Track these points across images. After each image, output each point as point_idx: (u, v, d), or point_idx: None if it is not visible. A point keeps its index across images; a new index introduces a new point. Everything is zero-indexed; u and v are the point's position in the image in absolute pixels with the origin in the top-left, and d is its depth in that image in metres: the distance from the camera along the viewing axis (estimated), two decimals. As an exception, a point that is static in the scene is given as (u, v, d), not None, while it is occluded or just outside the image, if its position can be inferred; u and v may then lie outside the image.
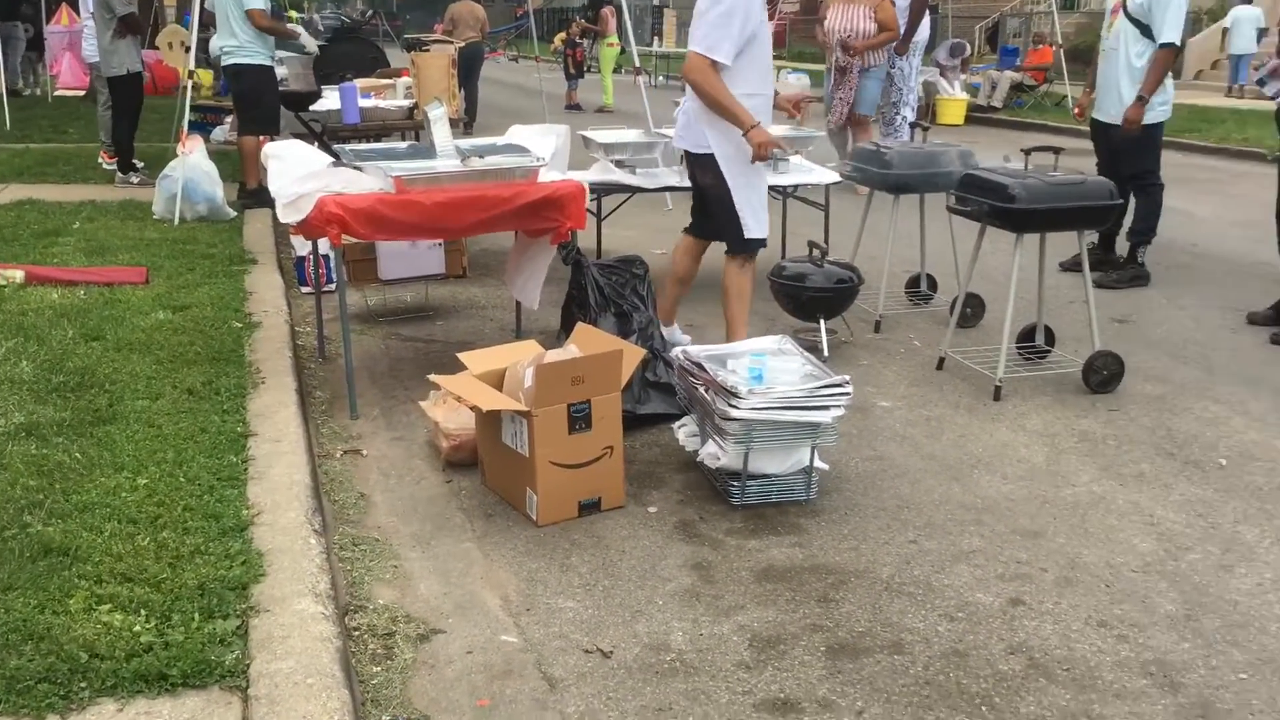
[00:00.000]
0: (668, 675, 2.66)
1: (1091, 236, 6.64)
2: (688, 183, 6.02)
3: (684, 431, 3.93)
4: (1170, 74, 6.26)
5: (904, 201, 5.62)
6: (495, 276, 6.37)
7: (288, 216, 4.16)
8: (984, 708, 2.54)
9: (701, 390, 3.67)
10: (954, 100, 15.73)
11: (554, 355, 3.64)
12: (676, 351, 3.98)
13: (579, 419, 3.43)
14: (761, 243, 4.66)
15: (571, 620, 2.90)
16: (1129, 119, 6.14)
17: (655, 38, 25.45)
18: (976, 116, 15.98)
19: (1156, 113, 6.24)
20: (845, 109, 9.05)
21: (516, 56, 30.70)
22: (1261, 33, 18.54)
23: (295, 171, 4.20)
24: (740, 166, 4.44)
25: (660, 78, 22.07)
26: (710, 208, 4.68)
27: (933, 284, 6.07)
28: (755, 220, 4.57)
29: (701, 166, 4.59)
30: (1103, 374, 4.67)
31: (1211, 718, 2.52)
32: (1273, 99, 6.12)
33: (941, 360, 4.98)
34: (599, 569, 3.18)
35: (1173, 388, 4.75)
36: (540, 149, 4.58)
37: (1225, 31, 19.73)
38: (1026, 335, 5.10)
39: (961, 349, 5.05)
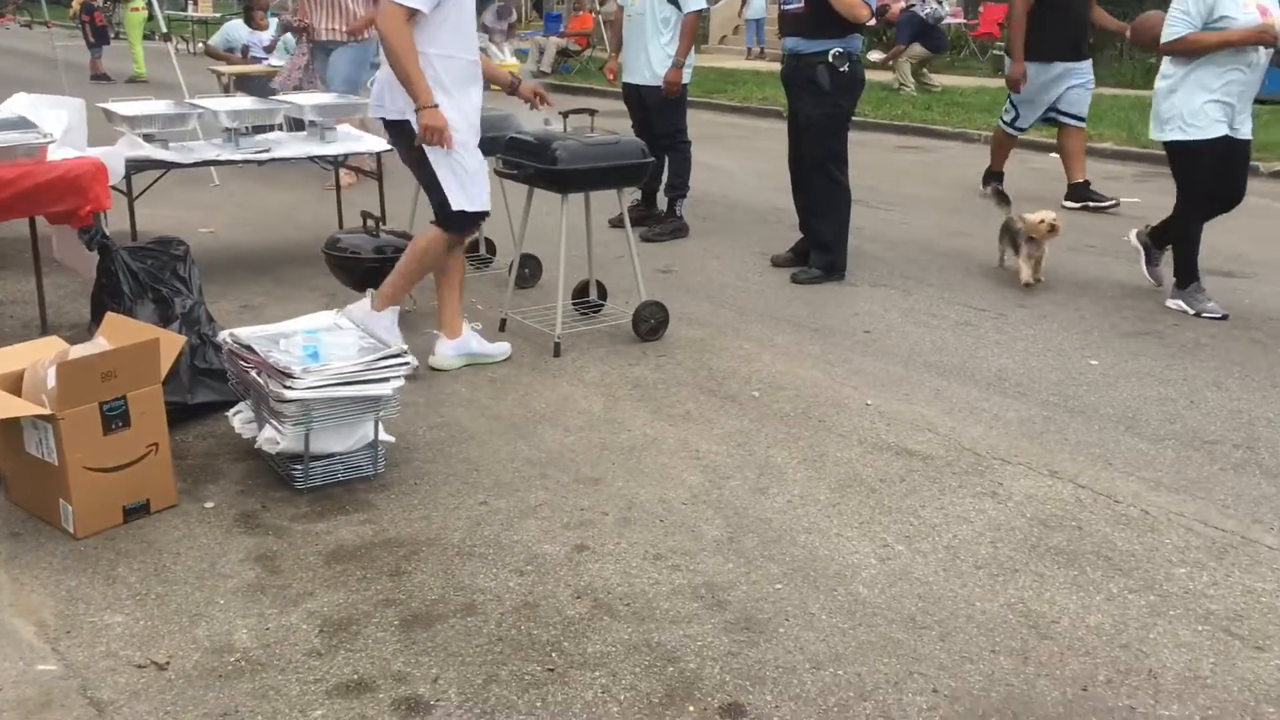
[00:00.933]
0: (233, 677, 2.53)
1: (635, 193, 7.04)
2: (230, 156, 5.73)
3: (239, 419, 3.74)
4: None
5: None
6: (13, 268, 5.71)
7: None
8: (554, 654, 2.64)
9: (253, 374, 3.50)
10: (504, 65, 15.99)
11: (80, 350, 3.32)
12: (224, 335, 3.77)
13: (114, 417, 3.16)
14: (475, 217, 4.46)
15: (121, 636, 2.68)
16: (669, 81, 6.55)
17: (190, 2, 23.80)
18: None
19: (682, 74, 6.68)
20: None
21: (30, 22, 27.53)
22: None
23: None
24: None
25: (199, 44, 20.67)
26: (418, 179, 4.44)
27: (491, 247, 6.18)
28: (464, 191, 4.33)
29: (399, 135, 4.34)
30: (650, 322, 4.97)
31: (754, 628, 2.77)
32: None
33: (503, 321, 5.08)
34: (151, 576, 2.95)
35: (712, 330, 5.15)
36: (49, 124, 4.14)
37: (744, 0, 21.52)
38: (580, 291, 5.32)
39: (521, 309, 5.18)
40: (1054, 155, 8.94)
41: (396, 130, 4.37)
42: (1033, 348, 4.91)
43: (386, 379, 3.49)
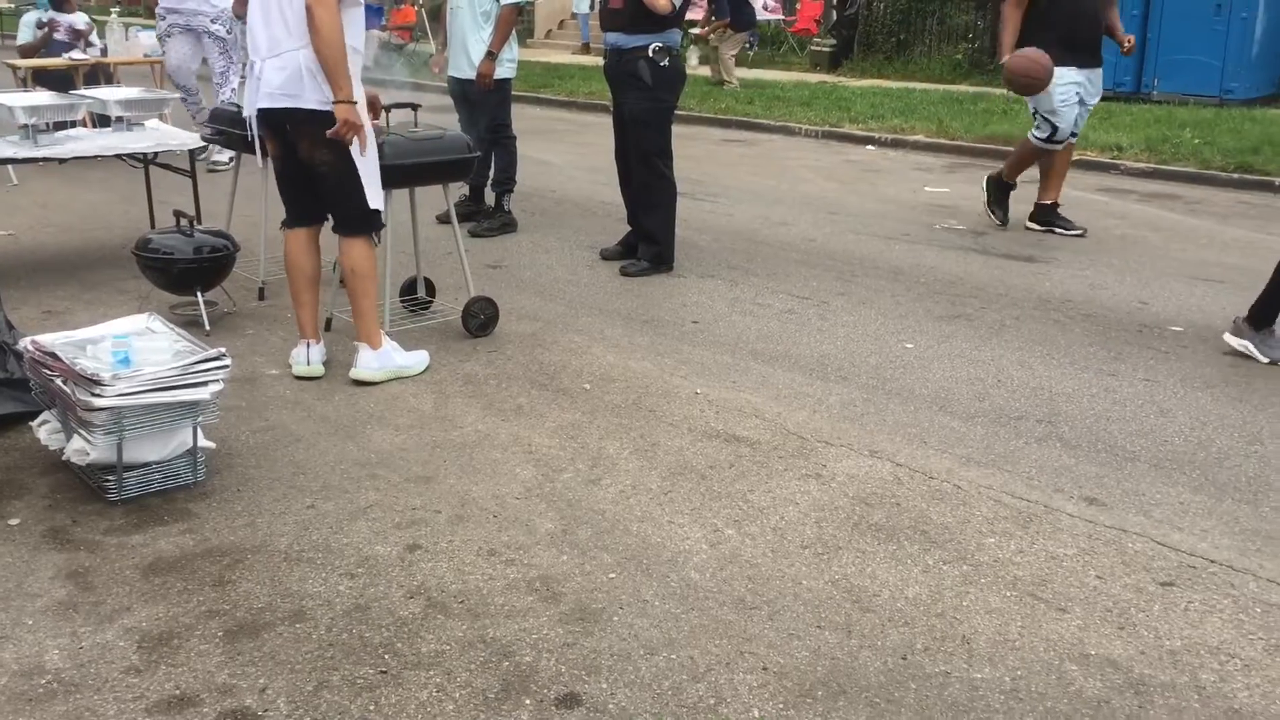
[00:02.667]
0: (44, 701, 2.41)
1: (463, 189, 6.97)
2: (29, 154, 5.42)
3: (45, 429, 3.55)
4: (515, 32, 6.70)
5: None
6: None
7: None
8: (386, 655, 2.61)
9: (59, 382, 3.33)
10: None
11: None
12: (25, 342, 3.57)
13: (-97, 433, 2.96)
14: (381, 216, 4.31)
15: (-83, 665, 2.52)
16: (482, 74, 6.51)
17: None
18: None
19: (505, 69, 6.66)
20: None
21: None
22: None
23: None
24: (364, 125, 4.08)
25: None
26: (325, 181, 4.18)
27: (314, 245, 6.02)
28: (376, 189, 4.22)
29: (312, 129, 4.05)
30: (480, 318, 4.94)
31: (589, 618, 2.79)
32: None
33: (329, 321, 4.97)
34: (-50, 600, 2.78)
35: (543, 324, 5.16)
36: None
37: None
38: (408, 288, 5.25)
39: (347, 309, 5.06)
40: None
41: (314, 124, 4.06)
42: (853, 333, 5.09)
43: (205, 383, 3.38)
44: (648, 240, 6.10)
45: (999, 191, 7.32)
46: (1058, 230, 7.04)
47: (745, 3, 14.16)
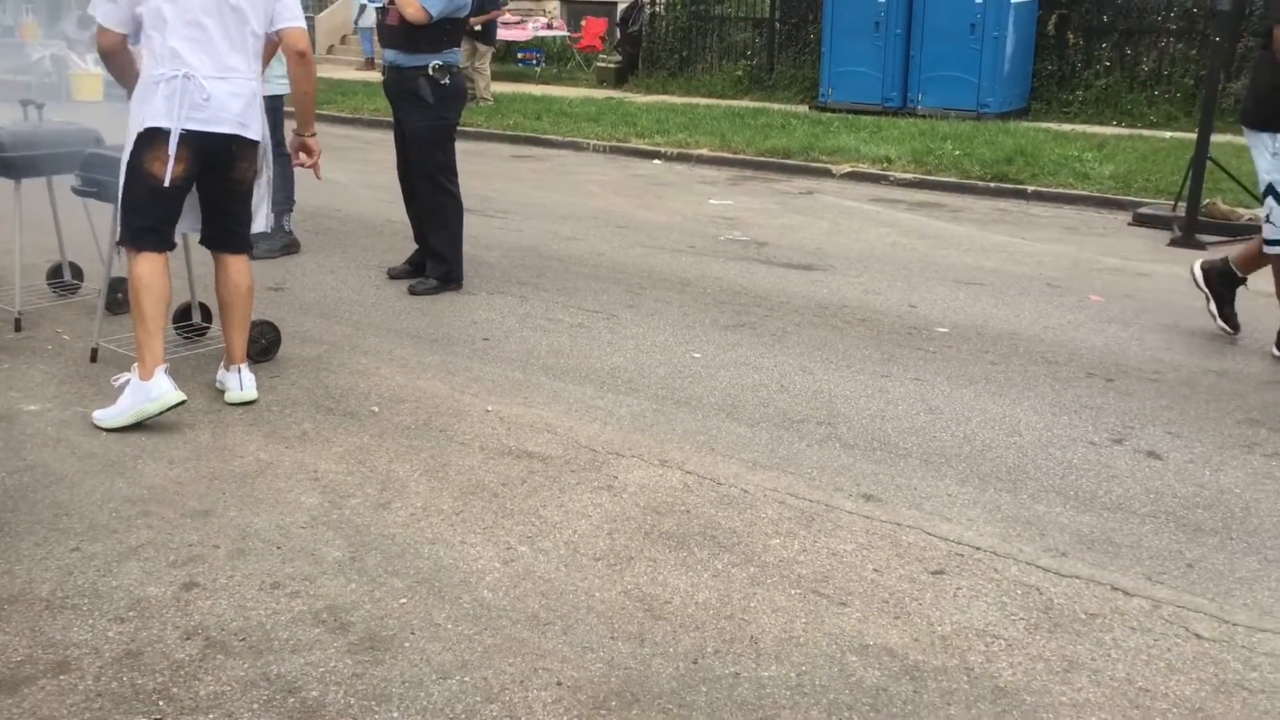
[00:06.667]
0: None
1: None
2: None
3: None
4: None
5: (32, 185, 5.14)
6: None
7: None
8: (161, 702, 2.48)
9: None
10: (89, 75, 14.78)
11: None
12: None
13: None
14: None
15: None
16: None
17: None
18: (118, 93, 15.19)
19: (275, 85, 6.45)
20: None
21: None
22: (382, 11, 20.08)
23: None
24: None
25: None
26: (244, 202, 4.40)
27: (78, 272, 5.68)
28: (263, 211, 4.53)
29: (251, 156, 4.30)
30: (261, 343, 4.77)
31: (379, 646, 2.73)
32: None
33: (95, 352, 4.70)
34: None
35: (328, 347, 5.02)
36: None
37: (363, 8, 21.06)
38: (182, 314, 5.02)
39: (116, 337, 4.81)
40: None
41: (251, 151, 4.29)
42: (642, 345, 5.17)
43: (-50, 424, 3.14)
44: (435, 258, 6.03)
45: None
46: None
47: (493, 21, 14.26)
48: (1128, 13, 13.65)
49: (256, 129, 4.23)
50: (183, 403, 4.04)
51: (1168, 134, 11.66)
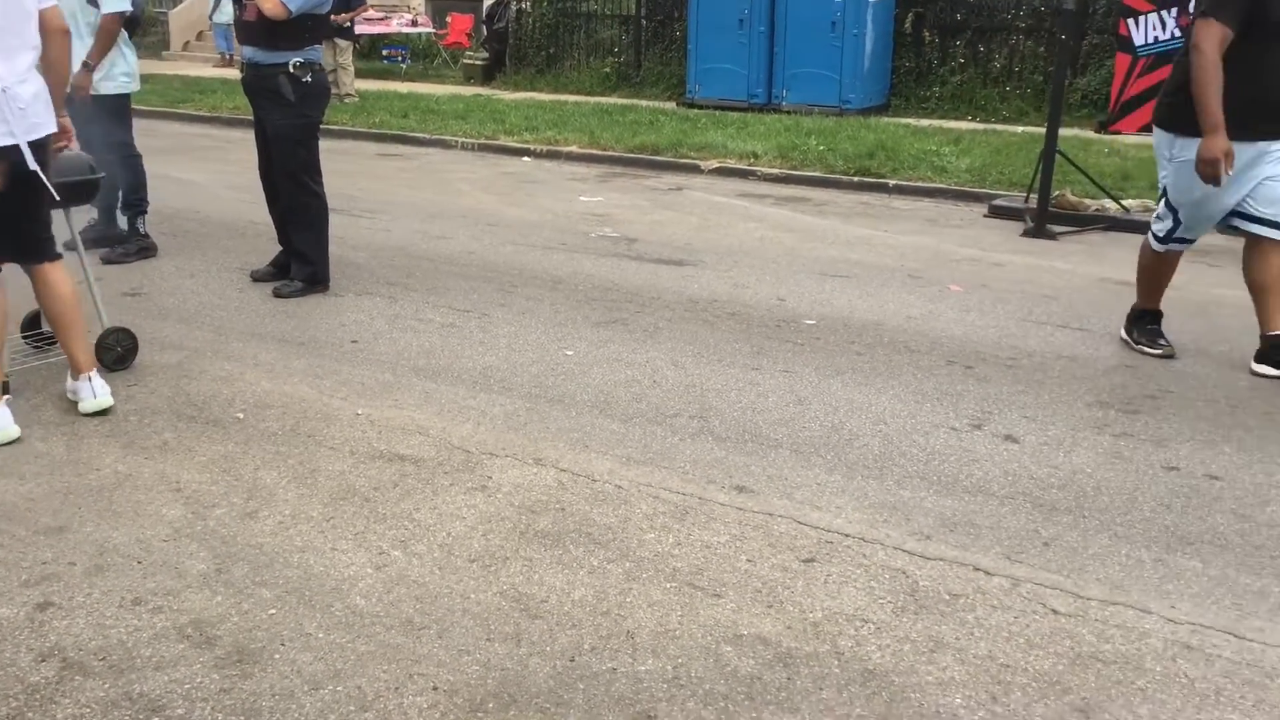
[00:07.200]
0: None
1: (91, 213, 6.47)
2: None
3: None
4: (130, 45, 6.29)
5: None
6: None
7: None
8: (15, 729, 2.38)
9: None
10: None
11: None
12: None
13: None
14: None
15: None
16: (77, 86, 6.00)
17: None
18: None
19: (120, 83, 6.24)
20: None
21: None
22: (240, 6, 19.53)
23: None
24: None
25: None
26: (41, 207, 4.07)
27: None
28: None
29: (50, 152, 4.04)
30: (116, 351, 4.60)
31: (248, 659, 2.66)
32: None
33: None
34: None
35: (189, 353, 4.87)
36: None
37: (218, 3, 20.42)
38: (31, 323, 4.81)
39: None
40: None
41: (49, 147, 4.05)
42: (515, 343, 5.14)
43: None
44: (300, 260, 5.89)
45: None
46: None
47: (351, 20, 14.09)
48: (979, 11, 14.14)
49: (52, 123, 4.03)
50: (16, 440, 3.88)
51: (1019, 128, 12.12)
